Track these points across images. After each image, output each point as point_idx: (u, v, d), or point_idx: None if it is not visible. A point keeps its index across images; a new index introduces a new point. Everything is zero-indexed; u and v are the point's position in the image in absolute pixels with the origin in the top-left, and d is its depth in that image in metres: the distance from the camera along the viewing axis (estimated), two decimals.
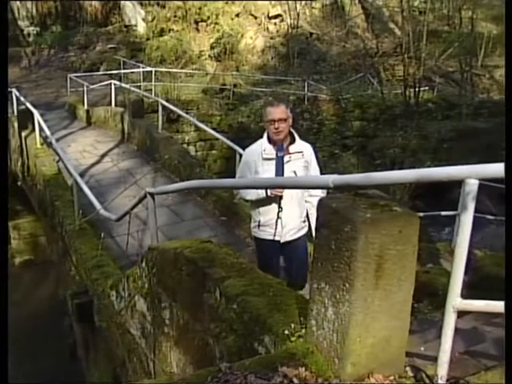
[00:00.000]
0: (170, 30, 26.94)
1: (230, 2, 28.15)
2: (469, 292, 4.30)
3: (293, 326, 2.64)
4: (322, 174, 4.62)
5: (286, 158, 4.32)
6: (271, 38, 28.20)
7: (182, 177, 9.68)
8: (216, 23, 27.33)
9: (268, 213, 4.44)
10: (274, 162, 4.33)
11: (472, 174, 2.03)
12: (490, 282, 4.15)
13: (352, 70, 25.64)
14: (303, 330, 2.56)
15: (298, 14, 27.71)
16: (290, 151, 4.38)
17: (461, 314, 3.33)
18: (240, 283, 3.20)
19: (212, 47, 26.79)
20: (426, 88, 22.94)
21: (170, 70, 23.23)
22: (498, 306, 2.16)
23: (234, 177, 8.14)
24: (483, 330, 3.28)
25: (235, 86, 22.58)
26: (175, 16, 27.16)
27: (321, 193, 4.21)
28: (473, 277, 4.36)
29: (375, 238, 2.03)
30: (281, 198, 4.31)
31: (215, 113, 19.77)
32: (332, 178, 2.32)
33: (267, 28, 28.49)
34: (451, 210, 7.24)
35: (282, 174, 4.28)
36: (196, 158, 14.43)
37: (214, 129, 15.01)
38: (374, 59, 25.60)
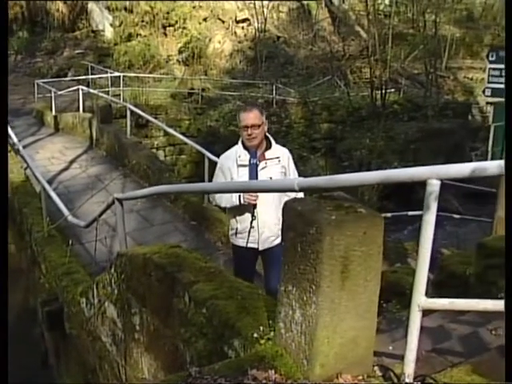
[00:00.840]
0: (137, 35, 26.79)
1: (197, 6, 28.11)
2: (436, 291, 4.39)
3: (262, 328, 2.65)
4: None
5: (261, 164, 4.21)
6: (239, 42, 28.27)
7: (151, 182, 9.65)
8: (184, 28, 27.27)
9: (244, 220, 4.35)
10: (247, 168, 4.23)
11: (433, 175, 2.06)
12: (455, 281, 4.21)
13: (319, 72, 25.86)
14: (272, 333, 2.57)
15: (266, 18, 27.82)
16: (266, 157, 4.27)
17: (428, 312, 3.40)
18: (209, 287, 3.20)
19: (180, 52, 26.73)
20: (393, 90, 23.27)
21: (138, 74, 23.10)
22: (462, 303, 2.20)
23: (203, 181, 8.21)
24: (449, 327, 3.34)
25: (204, 90, 22.57)
26: (143, 21, 27.02)
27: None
28: (439, 275, 4.43)
29: (340, 240, 2.05)
30: (254, 206, 4.20)
31: (184, 117, 19.71)
32: (297, 181, 2.34)
33: (235, 32, 28.55)
34: (419, 209, 7.33)
35: None
36: (165, 162, 14.36)
37: (182, 133, 14.98)
38: (341, 62, 25.91)
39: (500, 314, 2.97)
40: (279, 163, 4.31)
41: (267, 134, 4.32)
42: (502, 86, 5.98)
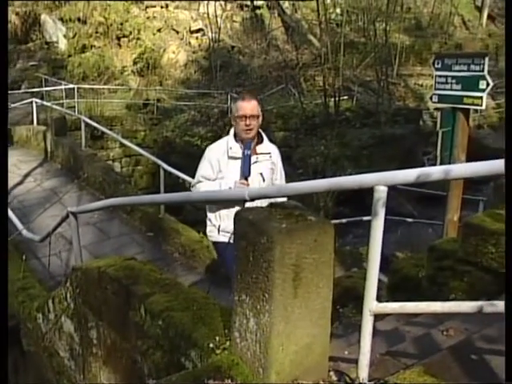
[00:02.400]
0: (91, 47, 26.43)
1: (151, 17, 27.99)
2: (390, 294, 4.48)
3: (217, 338, 2.66)
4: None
5: (253, 159, 3.97)
6: (193, 52, 28.24)
7: (107, 194, 9.55)
8: (138, 38, 27.08)
9: (229, 216, 3.83)
10: (239, 161, 3.97)
11: (381, 181, 2.11)
12: (409, 284, 4.30)
13: (273, 81, 26.04)
14: (228, 343, 2.58)
15: (219, 28, 27.89)
16: (258, 151, 4.06)
17: (383, 315, 3.46)
18: (164, 299, 3.19)
19: (135, 62, 26.51)
20: (346, 97, 23.62)
21: (93, 86, 22.82)
22: (412, 307, 2.25)
23: (159, 192, 8.18)
24: (403, 330, 3.41)
25: (159, 100, 22.47)
26: (97, 32, 26.70)
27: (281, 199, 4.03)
28: (393, 279, 4.52)
29: (291, 248, 2.07)
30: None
31: (139, 128, 19.60)
32: (248, 191, 2.36)
33: (189, 42, 28.52)
34: None
35: (249, 174, 3.90)
36: (121, 174, 14.24)
37: (138, 144, 14.86)
38: (295, 71, 26.16)
39: (451, 315, 3.06)
40: (270, 159, 4.14)
41: (259, 129, 4.12)
42: (448, 92, 6.17)
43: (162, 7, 28.55)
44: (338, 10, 29.52)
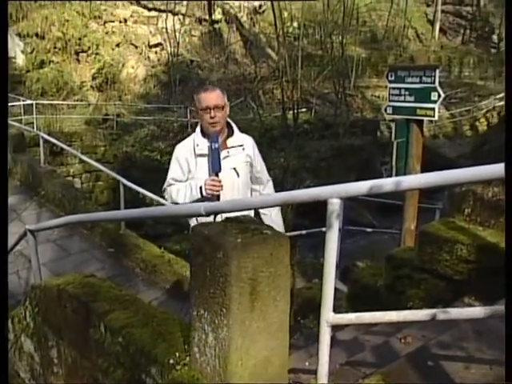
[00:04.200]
0: (50, 62, 26.10)
1: (110, 32, 27.82)
2: (350, 304, 4.54)
3: (178, 354, 2.64)
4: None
5: (223, 153, 3.64)
6: (152, 67, 28.19)
7: (67, 210, 9.43)
8: (97, 53, 26.88)
9: (206, 218, 3.76)
10: (207, 158, 3.67)
11: (334, 194, 2.15)
12: (368, 293, 4.37)
13: (232, 95, 26.14)
14: (188, 358, 2.57)
15: (178, 43, 27.94)
16: (228, 145, 3.72)
17: (342, 325, 3.50)
18: (124, 316, 3.16)
19: (94, 78, 26.30)
20: (304, 109, 23.89)
21: (52, 102, 22.54)
22: (368, 317, 2.28)
23: (120, 207, 8.11)
24: (363, 339, 3.45)
25: (118, 115, 22.35)
26: (55, 47, 26.39)
27: (265, 192, 3.93)
28: (353, 289, 4.58)
29: (247, 262, 2.08)
30: (218, 197, 3.56)
31: (99, 143, 19.46)
32: (203, 206, 2.37)
33: (148, 57, 28.47)
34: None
35: (219, 169, 3.55)
36: (81, 190, 14.08)
37: (98, 160, 14.72)
38: (253, 84, 26.35)
39: (408, 323, 3.11)
40: (243, 151, 3.78)
41: (229, 120, 3.82)
42: (402, 103, 6.30)
43: (120, 22, 28.45)
44: (295, 24, 29.89)
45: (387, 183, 2.11)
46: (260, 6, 31.29)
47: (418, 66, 6.35)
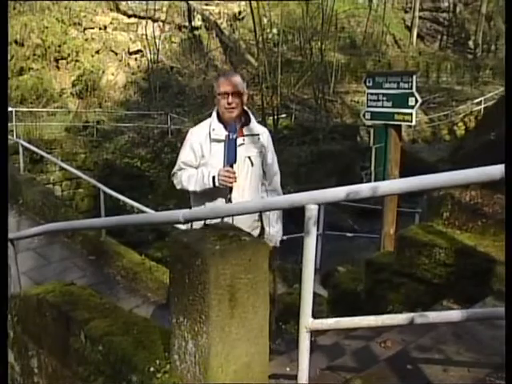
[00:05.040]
0: (29, 69, 25.85)
1: (89, 38, 27.69)
2: (331, 309, 4.56)
3: (158, 362, 2.64)
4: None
5: (239, 141, 3.50)
6: (132, 74, 28.09)
7: (48, 218, 9.37)
8: (76, 60, 26.71)
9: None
10: (223, 144, 3.52)
11: (311, 200, 2.17)
12: (348, 298, 4.39)
13: (213, 101, 26.08)
14: (168, 366, 2.57)
15: (158, 49, 27.88)
16: (244, 133, 3.65)
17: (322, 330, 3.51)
18: (104, 324, 3.15)
19: (73, 85, 26.12)
20: (284, 115, 23.97)
21: (32, 109, 22.32)
22: (347, 322, 2.31)
23: (100, 214, 8.07)
24: (343, 343, 3.48)
25: (98, 122, 22.21)
26: (34, 54, 26.17)
27: (271, 187, 3.82)
28: (333, 294, 4.60)
29: (226, 269, 2.10)
30: (231, 189, 3.46)
31: (79, 151, 19.29)
32: (182, 213, 2.38)
33: (128, 64, 28.36)
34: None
35: (235, 160, 3.44)
36: (62, 197, 13.95)
37: (79, 167, 14.61)
38: None
39: (387, 327, 3.14)
40: (259, 141, 3.71)
41: (246, 108, 3.73)
42: (380, 109, 6.36)
43: (100, 29, 28.33)
44: (275, 30, 30.04)
45: (364, 189, 2.14)
46: (239, 13, 31.38)
47: (395, 71, 6.44)
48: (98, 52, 27.76)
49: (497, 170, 1.87)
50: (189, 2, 30.07)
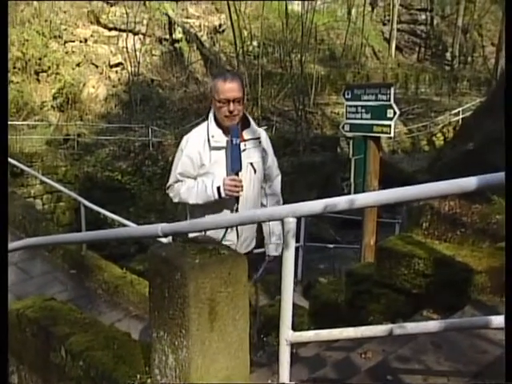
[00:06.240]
0: (10, 82, 25.69)
1: (70, 51, 27.57)
2: (312, 320, 4.57)
3: (139, 376, 2.63)
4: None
5: (241, 147, 3.28)
6: (113, 86, 28.01)
7: (29, 232, 9.28)
8: (57, 73, 26.56)
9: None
10: (223, 151, 3.29)
11: (289, 214, 2.19)
12: (329, 309, 4.41)
13: (193, 113, 26.12)
14: (149, 380, 2.56)
15: (139, 62, 27.86)
16: (245, 137, 3.37)
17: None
18: (84, 339, 3.13)
19: (54, 97, 25.96)
20: (265, 127, 24.05)
21: (12, 122, 22.10)
22: (326, 334, 2.32)
23: (81, 229, 8.03)
24: (325, 355, 3.48)
25: (79, 135, 22.13)
26: (15, 67, 25.96)
27: (270, 191, 3.65)
28: (314, 305, 4.61)
29: (205, 283, 2.10)
30: (237, 198, 3.25)
31: (60, 164, 19.20)
32: (161, 227, 2.38)
33: (109, 76, 28.27)
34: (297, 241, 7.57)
35: (240, 168, 3.22)
36: (42, 211, 13.83)
37: (60, 180, 14.51)
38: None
39: (368, 338, 3.16)
40: (260, 145, 3.47)
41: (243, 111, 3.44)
42: (359, 121, 6.43)
43: (80, 42, 28.23)
44: (255, 43, 30.22)
45: (341, 202, 2.16)
46: (220, 26, 31.51)
47: (373, 84, 6.51)
48: (78, 65, 27.65)
49: (468, 182, 1.91)
50: (169, 14, 30.14)
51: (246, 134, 3.37)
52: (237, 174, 3.21)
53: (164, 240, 3.53)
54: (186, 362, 2.18)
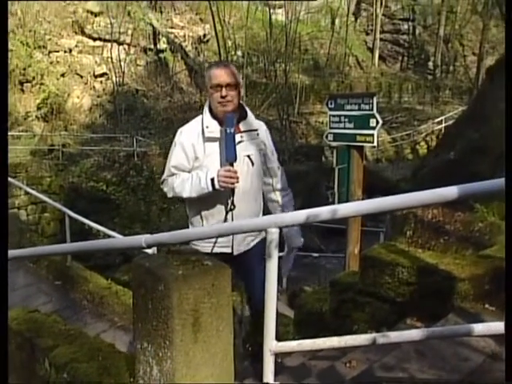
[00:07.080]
0: None
1: (54, 62, 27.45)
2: (296, 330, 4.57)
3: None
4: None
5: (237, 137, 3.17)
6: (98, 97, 27.92)
7: (13, 244, 9.16)
8: (41, 84, 26.41)
9: (214, 214, 3.21)
10: (218, 143, 3.20)
11: (272, 224, 2.21)
12: (313, 318, 4.41)
13: (179, 123, 26.01)
14: None
15: (124, 72, 27.83)
16: (242, 129, 3.27)
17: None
18: (69, 351, 3.12)
19: (38, 108, 25.81)
20: None
21: None
22: (309, 344, 2.34)
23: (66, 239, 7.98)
24: (310, 364, 3.49)
25: (64, 146, 22.02)
26: None
27: (279, 185, 3.56)
28: (299, 315, 4.62)
29: (189, 294, 2.11)
30: (233, 190, 3.14)
31: (45, 174, 19.07)
32: (144, 238, 2.38)
33: (94, 87, 28.18)
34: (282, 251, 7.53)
35: (235, 158, 3.11)
36: (27, 222, 13.74)
37: (44, 191, 14.43)
38: (199, 112, 26.45)
39: (352, 347, 3.18)
40: (257, 137, 3.36)
41: (241, 102, 3.36)
42: (342, 130, 6.47)
43: (65, 52, 28.11)
44: (239, 52, 30.33)
45: (323, 212, 2.18)
46: (204, 36, 31.59)
47: (356, 93, 6.55)
48: (63, 75, 27.54)
49: (450, 192, 1.94)
50: (154, 25, 30.17)
51: (242, 126, 3.28)
52: (231, 165, 3.11)
53: (149, 251, 3.50)
54: (170, 373, 2.18)
